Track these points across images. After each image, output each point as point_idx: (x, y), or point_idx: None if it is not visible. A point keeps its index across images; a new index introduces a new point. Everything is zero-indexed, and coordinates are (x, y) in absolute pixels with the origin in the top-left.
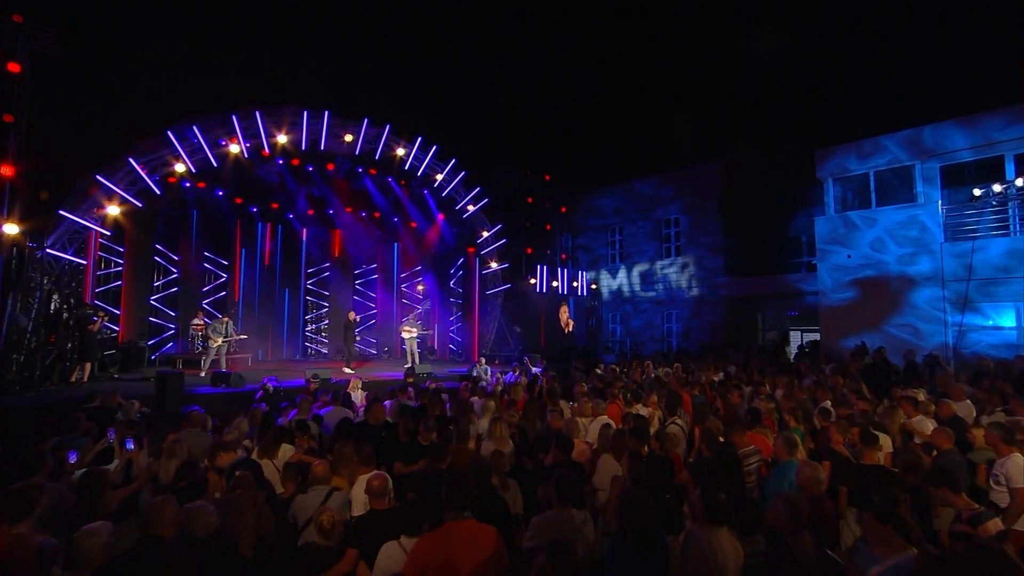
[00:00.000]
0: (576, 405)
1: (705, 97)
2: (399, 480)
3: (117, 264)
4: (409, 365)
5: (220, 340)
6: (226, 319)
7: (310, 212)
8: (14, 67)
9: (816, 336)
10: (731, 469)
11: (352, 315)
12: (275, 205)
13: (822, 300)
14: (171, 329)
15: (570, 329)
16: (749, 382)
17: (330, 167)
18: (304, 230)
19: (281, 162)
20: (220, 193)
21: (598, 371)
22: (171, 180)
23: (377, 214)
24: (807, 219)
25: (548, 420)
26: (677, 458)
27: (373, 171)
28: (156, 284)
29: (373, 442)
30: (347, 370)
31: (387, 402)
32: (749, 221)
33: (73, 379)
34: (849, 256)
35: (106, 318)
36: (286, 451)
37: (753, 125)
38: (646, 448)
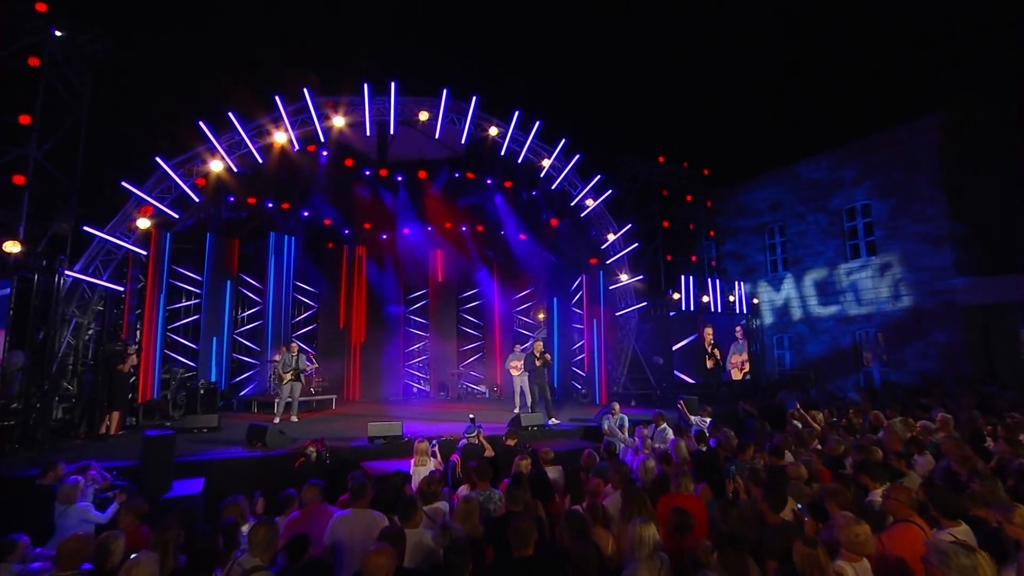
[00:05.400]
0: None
1: (896, 29)
2: None
3: (196, 295)
4: (515, 413)
5: (289, 376)
6: (295, 349)
7: (405, 231)
8: (34, 61)
9: None
10: None
11: (541, 347)
12: (367, 225)
13: None
14: (255, 366)
15: (716, 355)
16: None
17: (422, 175)
18: (399, 251)
19: (368, 173)
20: (306, 213)
21: (795, 422)
22: (250, 201)
23: (480, 227)
24: None
25: None
26: None
27: (470, 175)
28: (241, 316)
29: None
30: (554, 420)
31: (462, 491)
32: (989, 197)
33: (103, 431)
34: None
35: (135, 354)
36: None
37: (982, 58)
38: None
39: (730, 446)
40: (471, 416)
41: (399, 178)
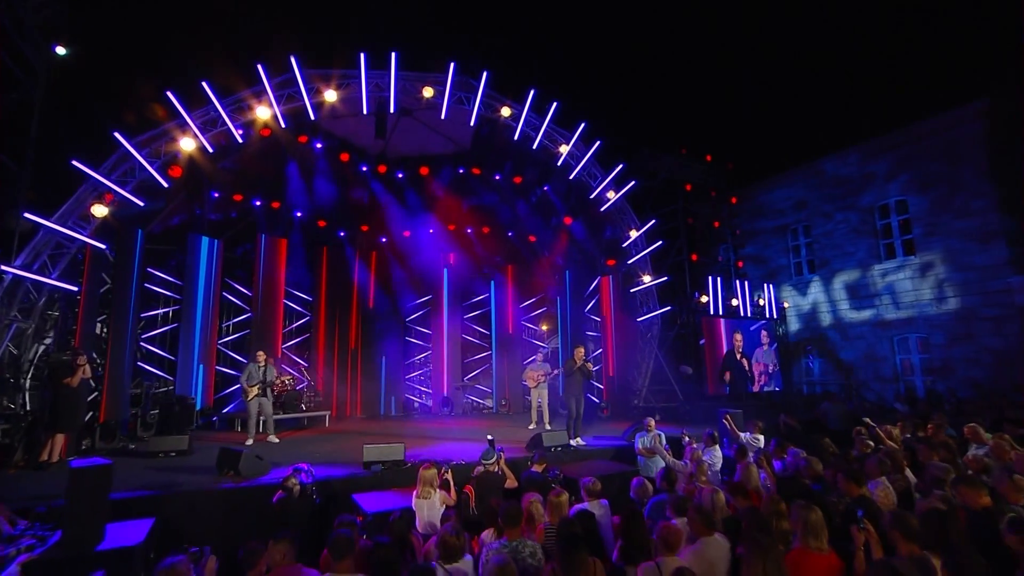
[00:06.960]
0: None
1: (927, 11)
2: None
3: (176, 301)
4: (534, 429)
5: (255, 391)
6: (262, 359)
7: (405, 233)
8: None
9: None
10: None
11: (582, 353)
12: (365, 227)
13: None
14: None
15: (745, 364)
16: None
17: (424, 171)
18: (399, 255)
19: (365, 168)
20: (298, 214)
21: (865, 438)
22: (236, 198)
23: (486, 229)
24: None
25: None
26: None
27: (476, 171)
28: (226, 325)
29: None
30: (579, 441)
31: (487, 539)
32: None
33: (44, 457)
34: None
35: (86, 366)
36: None
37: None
38: None
39: (813, 473)
40: (490, 438)
41: (399, 175)
